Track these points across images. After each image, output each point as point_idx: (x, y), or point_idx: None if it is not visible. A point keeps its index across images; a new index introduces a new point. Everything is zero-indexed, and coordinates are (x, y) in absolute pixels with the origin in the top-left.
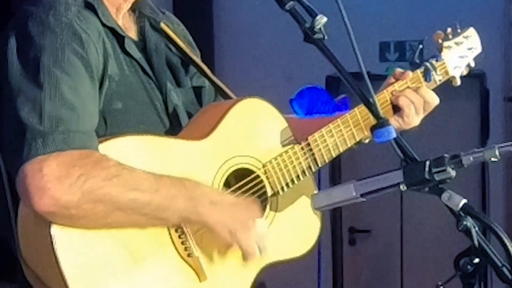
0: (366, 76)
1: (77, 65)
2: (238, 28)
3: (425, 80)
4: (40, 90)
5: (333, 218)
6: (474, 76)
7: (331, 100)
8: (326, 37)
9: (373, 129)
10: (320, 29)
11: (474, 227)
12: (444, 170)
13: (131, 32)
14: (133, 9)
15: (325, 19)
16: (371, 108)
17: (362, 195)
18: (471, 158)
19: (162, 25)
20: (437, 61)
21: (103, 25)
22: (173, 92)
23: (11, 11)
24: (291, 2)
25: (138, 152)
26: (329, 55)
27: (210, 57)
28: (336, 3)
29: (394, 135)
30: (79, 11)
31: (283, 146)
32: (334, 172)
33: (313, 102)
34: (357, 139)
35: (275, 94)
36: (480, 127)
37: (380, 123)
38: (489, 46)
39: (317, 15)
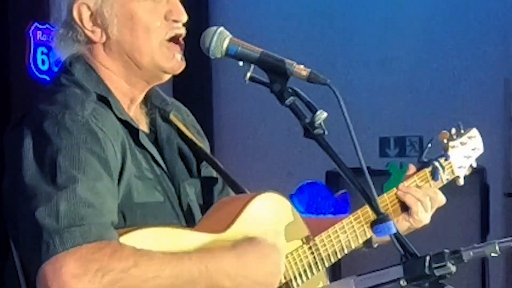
0: (366, 172)
1: (94, 164)
2: (238, 122)
3: (433, 179)
4: (57, 191)
5: None
6: (474, 171)
7: (331, 196)
8: (326, 132)
9: (373, 224)
10: (320, 124)
11: None
12: (444, 265)
13: (142, 123)
14: (144, 100)
15: (325, 114)
16: (371, 203)
17: None
18: (471, 254)
19: (171, 117)
20: (445, 160)
21: (116, 118)
22: (185, 183)
23: (11, 110)
24: (291, 98)
25: (158, 244)
26: (329, 151)
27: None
28: (336, 98)
29: (394, 230)
30: (94, 108)
31: (298, 241)
32: (334, 266)
33: (313, 198)
34: (368, 236)
35: (275, 189)
36: (480, 222)
37: (380, 219)
38: (489, 141)
39: (317, 110)
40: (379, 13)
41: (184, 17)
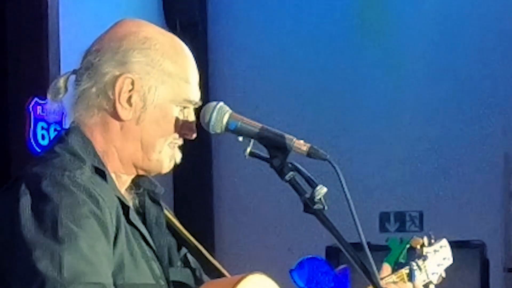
0: (366, 247)
1: (93, 224)
2: (238, 199)
3: (409, 280)
4: (59, 244)
5: None
6: (474, 247)
7: (331, 271)
8: (326, 208)
9: None
10: (320, 199)
11: None
12: None
13: (130, 204)
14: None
15: (325, 189)
16: (371, 278)
17: None
18: None
19: (161, 202)
20: (423, 261)
21: None
22: (173, 266)
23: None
24: (291, 173)
25: None
26: (329, 226)
27: (210, 231)
28: (336, 173)
29: None
30: (92, 176)
31: None
32: None
33: (313, 273)
34: None
35: (275, 265)
36: None
37: None
38: (488, 217)
39: (317, 185)
40: (380, 87)
41: (194, 136)
